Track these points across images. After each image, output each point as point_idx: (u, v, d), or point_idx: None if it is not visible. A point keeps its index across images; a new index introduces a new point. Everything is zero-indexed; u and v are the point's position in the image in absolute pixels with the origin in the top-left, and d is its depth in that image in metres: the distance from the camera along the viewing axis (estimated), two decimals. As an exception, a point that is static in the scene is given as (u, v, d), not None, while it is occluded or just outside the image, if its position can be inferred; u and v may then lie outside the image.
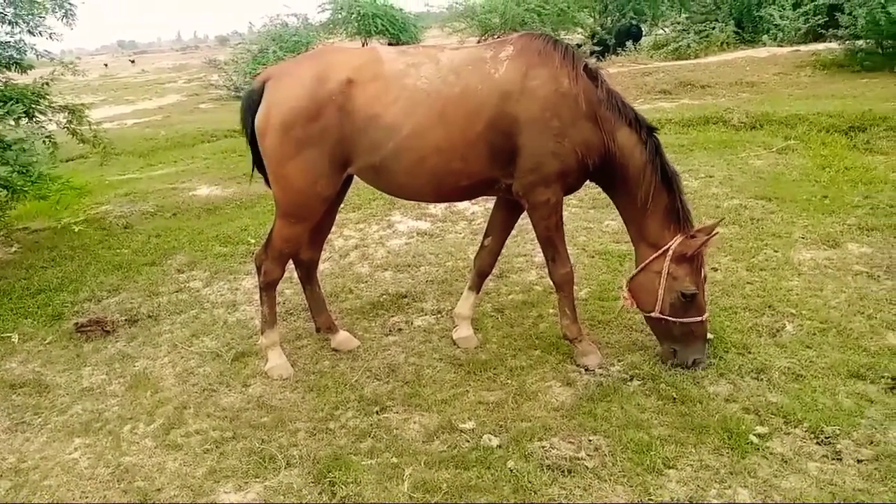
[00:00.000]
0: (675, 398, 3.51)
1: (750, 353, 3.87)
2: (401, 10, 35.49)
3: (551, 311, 4.62)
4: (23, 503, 3.20)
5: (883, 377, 3.54)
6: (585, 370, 3.85)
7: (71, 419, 3.84)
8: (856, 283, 4.64)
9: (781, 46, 17.83)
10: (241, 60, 21.23)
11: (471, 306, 4.32)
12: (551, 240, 3.77)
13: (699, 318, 3.65)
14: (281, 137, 3.52)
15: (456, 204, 6.98)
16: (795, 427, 3.23)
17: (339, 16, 33.66)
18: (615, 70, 16.19)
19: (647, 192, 3.58)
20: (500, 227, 4.20)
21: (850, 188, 6.77)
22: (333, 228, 6.61)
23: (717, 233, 3.64)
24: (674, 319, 3.64)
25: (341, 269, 5.75)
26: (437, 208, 6.99)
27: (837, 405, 3.36)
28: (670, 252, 3.60)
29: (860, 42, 14.19)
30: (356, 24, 32.69)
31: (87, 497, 3.18)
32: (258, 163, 3.86)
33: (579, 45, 24.28)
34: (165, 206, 8.16)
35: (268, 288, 4.01)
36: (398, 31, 33.94)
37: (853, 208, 6.07)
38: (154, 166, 11.32)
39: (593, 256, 5.50)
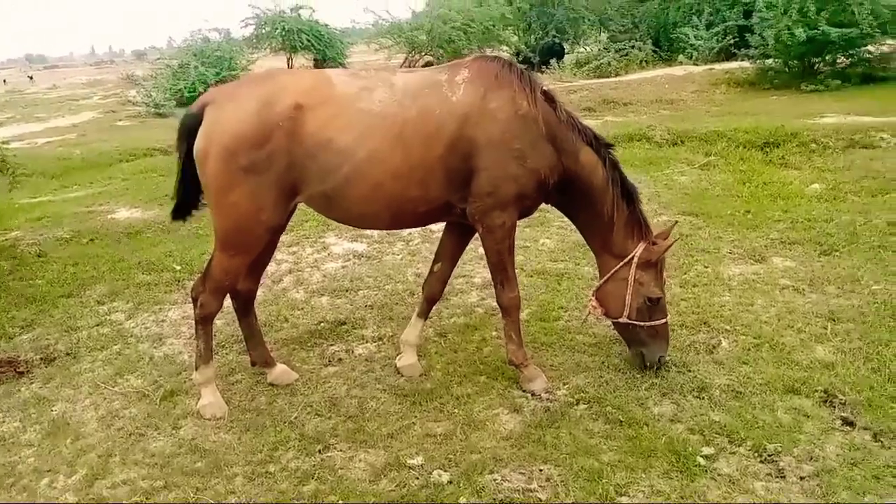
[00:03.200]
0: (621, 421, 3.52)
1: (690, 370, 3.93)
2: (326, 25, 35.28)
3: (494, 333, 4.58)
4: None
5: (816, 391, 3.65)
6: (532, 395, 3.81)
7: (-21, 474, 3.50)
8: (783, 297, 4.80)
9: (697, 65, 18.64)
10: (161, 76, 20.51)
11: (418, 333, 4.23)
12: (502, 264, 3.73)
13: (664, 320, 3.85)
14: (223, 164, 3.33)
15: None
16: (739, 446, 3.28)
17: (264, 31, 33.21)
18: (541, 87, 16.45)
19: (611, 206, 3.70)
20: (451, 252, 4.15)
21: (769, 203, 7.07)
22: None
23: (677, 238, 3.91)
24: (641, 323, 3.79)
25: (275, 296, 5.54)
26: (373, 230, 6.87)
27: (777, 421, 3.43)
28: (635, 260, 3.75)
29: (769, 61, 14.98)
30: (280, 39, 32.29)
31: (0, 563, 2.90)
32: (187, 190, 3.66)
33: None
34: (82, 232, 7.69)
35: (204, 321, 3.80)
36: (324, 47, 33.70)
37: (775, 223, 6.33)
38: (69, 188, 10.72)
39: (532, 276, 5.51)
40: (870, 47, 14.16)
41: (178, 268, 6.29)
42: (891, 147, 8.65)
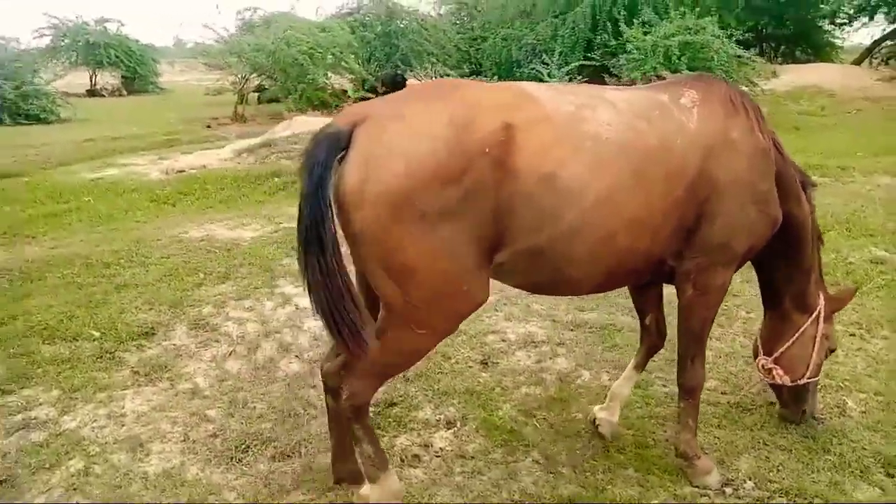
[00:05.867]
0: (837, 515, 2.92)
1: (852, 441, 3.44)
2: (137, 41, 32.34)
3: (589, 406, 3.79)
4: None
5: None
6: (713, 492, 3.08)
7: None
8: (852, 344, 4.55)
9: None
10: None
11: (632, 386, 3.58)
12: (702, 335, 3.01)
13: None
14: (394, 210, 2.21)
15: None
16: None
17: (62, 42, 29.47)
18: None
19: (815, 254, 3.25)
20: (655, 298, 3.42)
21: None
22: (212, 310, 5.09)
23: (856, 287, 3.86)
24: (814, 379, 3.42)
25: (265, 370, 4.24)
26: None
27: None
28: (822, 313, 3.31)
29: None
30: (83, 52, 28.89)
31: None
32: (322, 244, 2.29)
33: (345, 92, 24.02)
34: None
35: (359, 414, 2.58)
36: (135, 64, 30.88)
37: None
38: None
39: (573, 329, 4.79)
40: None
41: (97, 334, 4.67)
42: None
